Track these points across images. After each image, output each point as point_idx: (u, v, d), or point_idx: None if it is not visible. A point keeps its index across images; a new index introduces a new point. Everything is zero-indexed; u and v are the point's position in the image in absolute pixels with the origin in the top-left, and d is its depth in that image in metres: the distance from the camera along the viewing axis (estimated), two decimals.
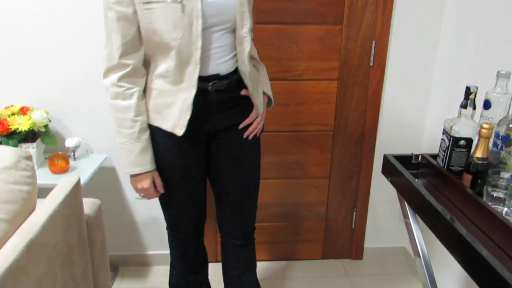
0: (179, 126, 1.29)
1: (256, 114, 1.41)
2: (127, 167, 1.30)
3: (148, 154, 1.30)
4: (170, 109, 1.28)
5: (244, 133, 1.40)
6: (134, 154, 1.27)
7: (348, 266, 2.26)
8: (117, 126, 1.28)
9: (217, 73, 1.29)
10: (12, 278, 0.94)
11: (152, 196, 1.38)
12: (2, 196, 1.10)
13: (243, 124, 1.39)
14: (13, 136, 1.65)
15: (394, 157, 1.36)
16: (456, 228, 0.97)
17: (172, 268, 1.63)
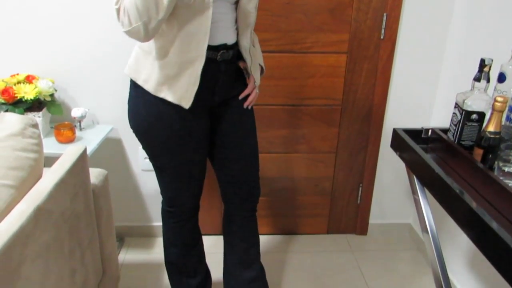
0: (186, 98, 1.27)
1: (253, 85, 1.44)
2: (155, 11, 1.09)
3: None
4: (176, 81, 1.26)
5: (244, 104, 1.42)
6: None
7: (353, 241, 2.27)
8: None
9: (225, 43, 1.29)
10: (20, 243, 0.94)
11: None
12: (9, 162, 1.09)
13: (243, 94, 1.42)
14: (19, 104, 1.64)
15: (403, 131, 1.34)
16: (465, 201, 0.96)
17: (169, 246, 1.62)
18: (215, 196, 2.17)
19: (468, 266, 1.75)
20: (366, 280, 1.97)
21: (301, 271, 2.02)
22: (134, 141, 2.01)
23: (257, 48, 1.48)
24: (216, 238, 2.21)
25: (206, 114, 1.37)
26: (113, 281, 1.67)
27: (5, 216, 1.00)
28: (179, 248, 1.59)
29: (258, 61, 1.45)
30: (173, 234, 1.57)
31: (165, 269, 1.70)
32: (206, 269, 1.71)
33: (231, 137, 1.44)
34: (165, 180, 1.45)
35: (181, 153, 1.37)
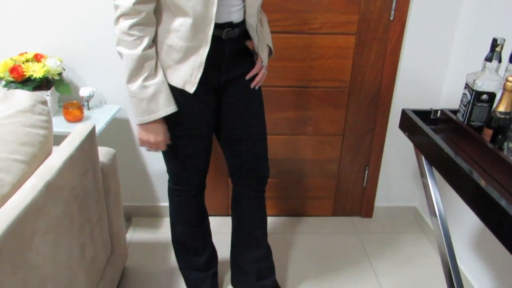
0: (190, 83, 1.27)
1: (261, 65, 1.43)
2: (140, 115, 1.26)
3: (161, 98, 1.25)
4: (180, 65, 1.26)
5: (251, 84, 1.41)
6: (145, 101, 1.24)
7: (358, 223, 2.28)
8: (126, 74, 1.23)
9: (230, 21, 1.28)
10: (32, 216, 0.95)
11: (162, 148, 1.36)
12: (19, 138, 1.10)
13: (250, 74, 1.40)
14: (28, 83, 1.64)
15: (412, 111, 1.34)
16: (475, 180, 0.96)
17: (176, 224, 1.63)
18: (221, 178, 2.19)
19: (474, 250, 1.76)
20: (371, 262, 1.98)
21: (306, 252, 2.03)
22: None
23: (266, 28, 1.46)
24: (222, 219, 2.23)
25: (212, 93, 1.37)
26: (121, 258, 1.69)
27: (16, 190, 1.01)
28: (185, 226, 1.61)
29: (266, 41, 1.44)
30: (180, 212, 1.59)
31: (172, 247, 1.72)
32: (212, 247, 1.73)
33: (238, 117, 1.44)
34: (172, 159, 1.46)
35: (187, 132, 1.37)
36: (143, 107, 1.25)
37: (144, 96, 1.23)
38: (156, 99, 1.24)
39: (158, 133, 1.30)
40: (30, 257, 0.95)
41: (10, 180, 1.00)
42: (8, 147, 1.05)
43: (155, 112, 1.26)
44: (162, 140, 1.32)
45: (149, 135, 1.31)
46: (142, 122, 1.27)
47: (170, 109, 1.27)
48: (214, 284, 1.73)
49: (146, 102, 1.24)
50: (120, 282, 1.79)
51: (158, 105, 1.25)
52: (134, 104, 1.26)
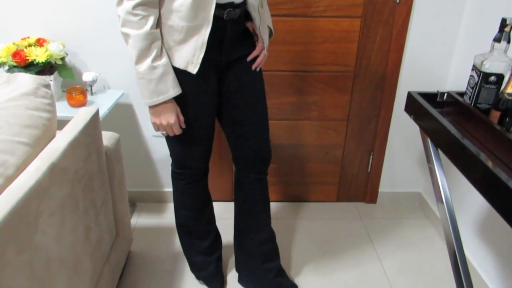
0: (192, 63, 1.26)
1: (262, 46, 1.42)
2: (148, 97, 1.26)
3: (169, 79, 1.24)
4: (182, 46, 1.25)
5: (252, 65, 1.41)
6: (154, 82, 1.23)
7: (362, 209, 2.28)
8: (133, 55, 1.23)
9: (232, 1, 1.27)
10: (37, 198, 0.95)
11: (176, 132, 1.35)
12: (23, 121, 1.10)
13: (251, 56, 1.40)
14: (31, 68, 1.64)
15: (418, 94, 1.32)
16: (482, 161, 0.95)
17: (180, 209, 1.63)
18: (225, 163, 2.18)
19: (478, 235, 1.75)
20: (374, 247, 1.98)
21: (310, 237, 2.04)
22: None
23: (266, 9, 1.45)
24: (226, 204, 2.23)
25: (214, 75, 1.36)
26: (126, 242, 1.70)
27: (21, 172, 1.01)
28: (189, 210, 1.61)
29: (266, 23, 1.43)
30: (183, 196, 1.59)
31: (176, 232, 1.72)
32: (216, 232, 1.74)
33: (240, 98, 1.43)
34: (175, 142, 1.45)
35: (190, 115, 1.36)
36: (152, 89, 1.24)
37: (153, 77, 1.22)
38: (164, 80, 1.23)
39: (169, 116, 1.29)
40: (35, 238, 0.95)
41: (14, 162, 1.00)
42: (12, 130, 1.05)
43: (165, 93, 1.25)
44: (174, 122, 1.31)
45: (161, 118, 1.30)
46: (151, 104, 1.26)
47: (178, 90, 1.27)
48: (219, 268, 1.74)
49: (155, 83, 1.23)
50: (125, 266, 1.80)
51: (167, 85, 1.24)
52: (142, 86, 1.25)
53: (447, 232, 1.30)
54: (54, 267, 1.04)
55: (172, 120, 1.30)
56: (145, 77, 1.23)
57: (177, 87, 1.27)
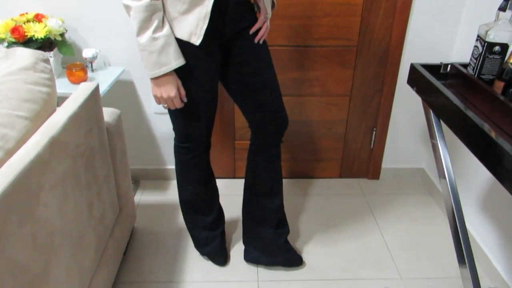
0: (196, 34, 1.25)
1: (264, 18, 1.40)
2: (151, 69, 1.25)
3: (171, 50, 1.23)
4: (186, 16, 1.23)
5: (255, 38, 1.39)
6: (155, 54, 1.22)
7: (365, 185, 2.28)
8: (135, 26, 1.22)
9: None
10: (38, 171, 0.96)
11: (177, 106, 1.34)
12: (22, 95, 1.09)
13: (254, 28, 1.38)
14: (30, 44, 1.62)
15: (421, 65, 1.30)
16: (485, 132, 0.94)
17: (184, 184, 1.63)
18: (227, 140, 2.18)
19: (480, 210, 1.75)
20: (377, 222, 1.99)
21: (313, 213, 2.04)
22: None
23: None
24: (228, 181, 2.24)
25: (217, 48, 1.35)
26: (129, 218, 1.71)
27: (21, 146, 1.01)
28: (193, 185, 1.61)
29: None
30: (187, 171, 1.59)
31: (180, 208, 1.73)
32: (219, 207, 1.74)
33: (248, 67, 1.42)
34: (178, 115, 1.44)
35: (193, 88, 1.35)
36: (154, 60, 1.23)
37: (154, 48, 1.21)
38: (166, 51, 1.22)
39: (170, 88, 1.29)
40: (37, 210, 0.95)
41: (14, 135, 1.00)
42: (11, 103, 1.04)
43: (166, 65, 1.24)
44: (174, 95, 1.30)
45: (162, 90, 1.29)
46: (154, 76, 1.26)
47: (180, 61, 1.26)
48: (222, 243, 1.75)
49: (157, 54, 1.22)
50: (129, 242, 1.82)
51: (168, 57, 1.23)
52: (144, 57, 1.24)
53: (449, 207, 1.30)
54: (57, 240, 1.05)
55: (172, 93, 1.29)
56: (146, 49, 1.22)
57: (179, 58, 1.25)
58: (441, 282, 1.67)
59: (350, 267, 1.73)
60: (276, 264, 1.71)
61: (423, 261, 1.77)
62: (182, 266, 1.72)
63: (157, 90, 1.30)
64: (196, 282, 1.65)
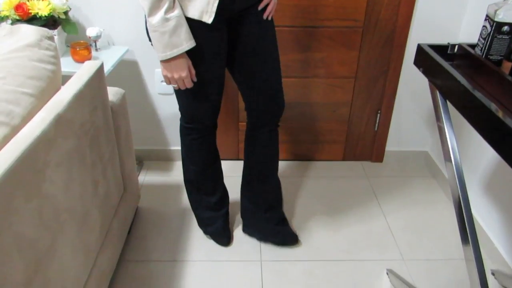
0: (207, 13, 1.23)
1: None
2: (162, 51, 1.23)
3: (183, 31, 1.22)
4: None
5: (264, 14, 1.38)
6: (167, 35, 1.21)
7: (368, 168, 2.28)
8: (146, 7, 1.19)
9: None
10: (43, 148, 0.96)
11: (188, 86, 1.33)
12: (27, 72, 1.09)
13: (262, 4, 1.37)
14: (33, 21, 1.61)
15: (428, 46, 1.29)
16: (493, 112, 0.93)
17: (189, 164, 1.64)
18: (231, 121, 2.18)
19: (484, 193, 1.75)
20: (380, 204, 2.00)
21: (316, 195, 2.05)
22: (151, 64, 1.99)
23: None
24: (232, 163, 2.24)
25: (226, 27, 1.34)
26: (134, 198, 1.72)
27: (27, 123, 1.01)
28: (198, 166, 1.62)
29: None
30: (192, 151, 1.59)
31: (184, 189, 1.74)
32: (224, 187, 1.75)
33: (253, 49, 1.41)
34: (186, 96, 1.43)
35: (203, 68, 1.35)
36: (165, 41, 1.22)
37: (166, 29, 1.20)
38: (178, 32, 1.21)
39: (181, 69, 1.28)
40: (44, 187, 0.96)
41: (20, 112, 1.00)
42: (16, 80, 1.04)
43: (178, 46, 1.23)
44: (185, 75, 1.29)
45: (173, 71, 1.28)
46: (165, 57, 1.24)
47: (191, 43, 1.25)
48: (226, 223, 1.76)
49: (168, 35, 1.21)
50: (133, 221, 1.84)
51: (180, 38, 1.22)
52: (155, 39, 1.22)
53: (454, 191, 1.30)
54: (63, 217, 1.06)
55: (184, 73, 1.28)
56: (158, 30, 1.20)
57: (190, 39, 1.24)
58: (444, 263, 1.68)
59: (353, 249, 1.74)
60: (269, 242, 1.75)
61: (425, 243, 1.78)
62: (186, 245, 1.74)
63: (167, 71, 1.29)
64: (200, 261, 1.67)
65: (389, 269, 1.63)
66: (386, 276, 1.62)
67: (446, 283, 1.60)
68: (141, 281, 1.58)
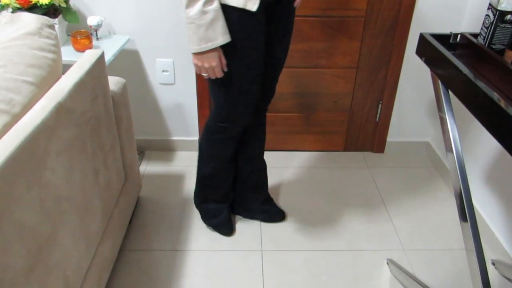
0: (251, 0, 1.21)
1: None
2: (197, 44, 1.22)
3: (219, 25, 1.21)
4: None
5: (294, 2, 1.40)
6: (203, 28, 1.20)
7: (369, 158, 2.28)
8: None
9: None
10: (44, 136, 0.96)
11: (218, 75, 1.31)
12: (27, 60, 1.09)
13: None
14: (34, 10, 1.60)
15: (431, 35, 1.28)
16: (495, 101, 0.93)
17: (209, 160, 1.61)
18: None
19: (485, 184, 1.75)
20: (381, 194, 2.00)
21: (317, 185, 2.05)
22: (152, 54, 1.99)
23: None
24: None
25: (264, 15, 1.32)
26: (135, 188, 1.72)
27: (27, 111, 1.01)
28: (220, 163, 1.61)
29: None
30: (218, 149, 1.57)
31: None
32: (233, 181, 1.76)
33: (278, 36, 1.42)
34: (224, 91, 1.39)
35: (250, 59, 1.33)
36: (201, 34, 1.21)
37: (203, 22, 1.19)
38: (213, 26, 1.20)
39: (213, 58, 1.27)
40: (44, 175, 0.96)
41: (20, 100, 0.99)
42: (17, 68, 1.04)
43: (213, 40, 1.22)
44: (216, 65, 1.28)
45: (204, 60, 1.27)
46: (199, 50, 1.23)
47: (226, 38, 1.23)
48: (229, 214, 1.77)
49: (204, 28, 1.20)
50: (134, 211, 1.84)
51: (216, 32, 1.21)
52: (191, 31, 1.21)
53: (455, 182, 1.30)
54: (64, 206, 1.06)
55: (215, 62, 1.27)
56: (195, 22, 1.19)
57: (226, 34, 1.23)
58: (444, 254, 1.69)
59: (354, 239, 1.75)
60: (255, 219, 1.81)
61: (425, 233, 1.78)
62: (187, 235, 1.74)
63: (198, 60, 1.28)
64: (200, 250, 1.68)
65: (389, 259, 1.64)
66: (387, 266, 1.63)
67: (446, 273, 1.61)
68: (142, 270, 1.59)
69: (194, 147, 2.25)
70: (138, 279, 1.55)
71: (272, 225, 1.81)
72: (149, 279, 1.55)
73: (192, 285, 1.54)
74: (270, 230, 1.78)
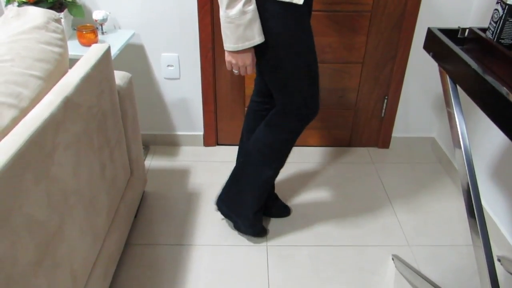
0: None
1: None
2: (234, 42, 1.24)
3: (256, 25, 1.23)
4: None
5: None
6: (242, 27, 1.21)
7: (374, 154, 2.27)
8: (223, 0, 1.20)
9: None
10: (52, 130, 0.96)
11: (249, 72, 1.34)
12: (35, 54, 1.09)
13: None
14: (40, 4, 1.60)
15: (439, 30, 1.27)
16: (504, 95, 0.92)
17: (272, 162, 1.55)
18: (237, 107, 2.17)
19: (491, 179, 1.75)
20: (386, 189, 1.99)
21: (322, 181, 2.05)
22: (157, 48, 1.98)
23: None
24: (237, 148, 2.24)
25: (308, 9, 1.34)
26: (140, 182, 1.73)
27: (35, 105, 1.01)
28: (282, 161, 1.57)
29: None
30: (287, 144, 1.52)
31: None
32: None
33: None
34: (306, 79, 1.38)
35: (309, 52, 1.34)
36: (240, 34, 1.23)
37: (242, 22, 1.21)
38: (251, 26, 1.22)
39: (247, 57, 1.30)
40: (52, 169, 0.96)
41: (28, 94, 1.00)
42: (24, 62, 1.04)
43: (251, 40, 1.24)
44: (249, 63, 1.31)
45: (238, 59, 1.30)
46: (236, 49, 1.26)
47: (262, 38, 1.25)
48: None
49: (243, 28, 1.22)
50: (140, 205, 1.85)
51: (253, 32, 1.23)
52: (230, 30, 1.23)
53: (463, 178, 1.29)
54: (71, 200, 1.07)
55: (249, 61, 1.30)
56: (234, 22, 1.21)
57: (261, 34, 1.25)
58: (449, 249, 1.68)
59: (359, 234, 1.75)
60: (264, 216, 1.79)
61: (431, 228, 1.78)
62: (192, 230, 1.75)
63: (232, 58, 1.30)
64: (205, 245, 1.68)
65: (394, 255, 1.64)
66: (392, 262, 1.63)
67: (451, 268, 1.61)
68: (147, 264, 1.59)
69: (199, 141, 2.25)
70: (143, 273, 1.56)
71: (277, 220, 1.81)
72: (154, 273, 1.56)
73: (197, 279, 1.54)
74: (275, 225, 1.78)
